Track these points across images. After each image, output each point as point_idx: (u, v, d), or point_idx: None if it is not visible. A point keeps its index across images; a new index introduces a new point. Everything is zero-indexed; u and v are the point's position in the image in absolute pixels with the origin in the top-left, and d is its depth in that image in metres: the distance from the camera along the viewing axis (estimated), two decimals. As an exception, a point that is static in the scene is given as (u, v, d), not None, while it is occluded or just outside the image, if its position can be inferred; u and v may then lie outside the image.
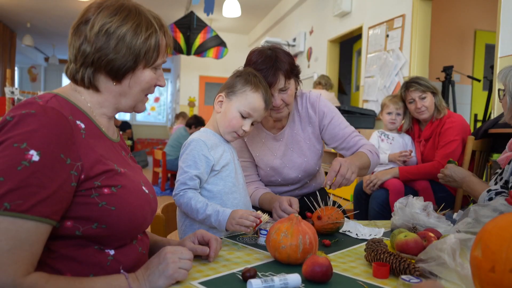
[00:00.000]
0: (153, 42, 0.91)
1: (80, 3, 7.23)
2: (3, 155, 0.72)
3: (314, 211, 1.36)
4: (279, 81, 1.49)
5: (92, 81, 0.90)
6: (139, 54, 0.89)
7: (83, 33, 0.87)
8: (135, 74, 0.92)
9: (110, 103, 0.94)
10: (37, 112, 0.76)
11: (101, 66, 0.88)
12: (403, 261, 0.93)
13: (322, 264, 0.88)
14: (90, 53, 0.87)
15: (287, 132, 1.70)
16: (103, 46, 0.86)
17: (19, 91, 6.35)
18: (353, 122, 3.68)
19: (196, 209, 1.22)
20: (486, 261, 0.65)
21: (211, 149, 1.29)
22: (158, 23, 0.93)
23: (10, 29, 9.54)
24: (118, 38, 0.87)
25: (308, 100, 1.71)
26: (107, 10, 0.88)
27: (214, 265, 0.98)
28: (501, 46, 2.61)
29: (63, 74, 13.71)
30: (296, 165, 1.69)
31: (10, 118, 0.75)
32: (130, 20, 0.88)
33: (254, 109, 1.32)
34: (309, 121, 1.70)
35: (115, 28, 0.86)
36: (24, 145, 0.72)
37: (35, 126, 0.74)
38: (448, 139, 2.26)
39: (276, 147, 1.70)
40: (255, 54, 1.55)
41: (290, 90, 1.55)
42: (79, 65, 0.89)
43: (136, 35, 0.88)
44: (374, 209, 2.29)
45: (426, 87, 2.33)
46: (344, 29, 4.79)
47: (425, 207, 1.40)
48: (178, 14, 7.40)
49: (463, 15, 4.87)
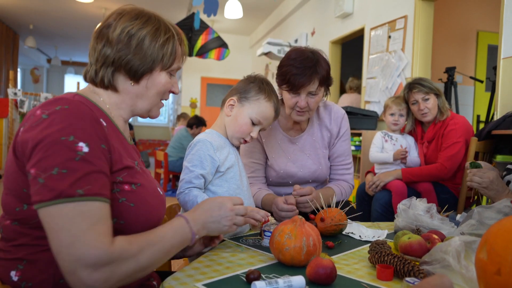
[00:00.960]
0: (170, 46, 0.96)
1: (82, 5, 7.25)
2: (55, 149, 0.75)
3: (317, 213, 1.36)
4: (313, 84, 1.51)
5: (112, 81, 0.94)
6: (157, 56, 0.94)
7: (105, 36, 0.92)
8: (152, 75, 0.96)
9: (127, 104, 0.97)
10: (71, 107, 0.81)
11: (121, 65, 0.92)
12: (407, 263, 0.93)
13: (326, 266, 0.87)
14: (111, 54, 0.91)
15: (305, 138, 1.72)
16: (124, 47, 0.91)
17: (22, 92, 6.38)
18: (355, 123, 3.70)
19: None
20: (492, 263, 0.65)
21: (217, 150, 1.30)
22: (175, 30, 0.99)
23: (13, 31, 9.57)
24: (138, 40, 0.92)
25: (331, 112, 1.74)
26: (128, 15, 0.94)
27: (218, 267, 0.98)
28: (504, 48, 2.61)
29: (65, 76, 13.76)
30: (310, 171, 1.70)
31: (45, 116, 0.78)
32: (150, 24, 0.94)
33: (265, 117, 1.35)
34: (327, 132, 1.74)
35: (136, 31, 0.92)
36: (72, 138, 0.77)
37: (73, 120, 0.79)
38: (451, 141, 2.26)
39: (291, 150, 1.71)
40: (296, 52, 1.56)
41: (317, 97, 1.56)
42: (99, 65, 0.93)
43: (155, 38, 0.94)
44: (377, 210, 2.28)
45: (429, 88, 2.33)
46: (345, 30, 4.79)
47: (429, 208, 1.39)
48: (180, 16, 7.41)
49: (465, 16, 4.86)
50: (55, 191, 0.73)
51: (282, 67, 1.57)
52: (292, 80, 1.50)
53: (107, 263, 0.73)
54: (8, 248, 0.85)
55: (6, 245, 0.86)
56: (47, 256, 0.81)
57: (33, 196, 0.75)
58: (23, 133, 0.80)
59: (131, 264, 0.77)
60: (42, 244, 0.82)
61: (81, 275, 0.72)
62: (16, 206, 0.83)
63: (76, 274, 0.72)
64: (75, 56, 12.83)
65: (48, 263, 0.82)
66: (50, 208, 0.73)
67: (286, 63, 1.55)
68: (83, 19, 8.27)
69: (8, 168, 0.84)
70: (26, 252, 0.83)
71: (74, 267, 0.72)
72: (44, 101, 0.83)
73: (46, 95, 6.62)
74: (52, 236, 0.74)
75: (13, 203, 0.83)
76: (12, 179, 0.83)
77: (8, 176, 0.84)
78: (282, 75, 1.56)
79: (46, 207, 0.73)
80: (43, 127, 0.77)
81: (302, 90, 1.51)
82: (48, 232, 0.75)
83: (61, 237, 0.73)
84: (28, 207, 0.82)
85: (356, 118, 3.73)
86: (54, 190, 0.73)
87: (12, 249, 0.84)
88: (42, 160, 0.75)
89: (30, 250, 0.83)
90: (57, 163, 0.75)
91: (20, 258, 0.83)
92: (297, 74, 1.49)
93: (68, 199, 0.73)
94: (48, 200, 0.73)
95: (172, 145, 5.53)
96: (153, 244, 0.83)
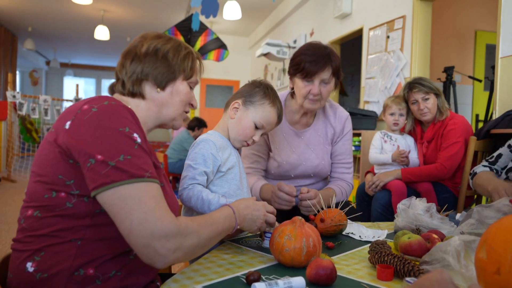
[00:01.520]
0: (190, 60, 1.08)
1: (81, 7, 7.25)
2: (117, 138, 0.84)
3: (317, 213, 1.36)
4: (326, 71, 1.59)
5: (139, 89, 1.03)
6: (180, 67, 1.06)
7: (133, 53, 1.03)
8: (176, 84, 1.06)
9: (153, 112, 1.05)
10: (117, 103, 0.89)
11: (148, 74, 1.03)
12: (407, 263, 0.93)
13: (326, 267, 0.88)
14: (139, 66, 1.02)
15: (311, 133, 1.78)
16: (151, 59, 1.03)
17: (21, 95, 6.37)
18: (354, 124, 3.70)
19: (208, 200, 1.21)
20: (492, 263, 0.65)
21: (219, 150, 1.31)
22: (192, 49, 1.12)
23: (11, 33, 9.57)
24: (163, 53, 1.04)
25: (337, 111, 1.82)
26: (151, 36, 1.06)
27: (218, 269, 0.98)
28: (502, 47, 2.61)
29: (64, 78, 13.76)
30: (313, 165, 1.74)
31: (95, 109, 0.86)
32: (172, 42, 1.07)
33: (268, 122, 1.37)
34: (332, 129, 1.80)
35: (161, 46, 1.04)
36: (127, 129, 0.86)
37: (123, 114, 0.87)
38: (450, 141, 2.26)
39: (296, 143, 1.75)
40: (309, 44, 1.65)
41: (329, 86, 1.63)
42: (128, 77, 1.03)
43: (177, 52, 1.06)
44: (377, 210, 2.28)
45: (429, 88, 2.32)
46: (344, 31, 4.80)
47: (428, 208, 1.40)
48: (178, 17, 7.42)
49: (463, 16, 4.87)
50: (128, 173, 0.81)
51: (296, 57, 1.64)
52: (307, 67, 1.58)
53: (176, 234, 0.82)
54: (27, 239, 0.88)
55: (26, 235, 0.88)
56: (65, 248, 0.85)
57: (99, 179, 0.81)
58: (73, 125, 0.85)
59: (194, 239, 0.86)
60: (62, 236, 0.86)
61: (155, 247, 0.80)
62: (45, 193, 0.87)
63: (150, 247, 0.80)
64: (74, 58, 12.84)
65: (66, 256, 0.85)
66: (120, 188, 0.81)
67: (300, 53, 1.63)
68: (82, 21, 8.27)
69: (43, 156, 0.89)
70: (46, 244, 0.86)
71: (148, 240, 0.79)
72: (86, 99, 0.91)
73: (45, 98, 6.62)
74: (123, 216, 0.80)
75: (42, 190, 0.87)
76: (47, 166, 0.87)
77: (41, 165, 0.89)
78: (296, 64, 1.63)
79: (117, 187, 0.80)
80: (98, 119, 0.85)
81: (316, 77, 1.58)
82: (117, 213, 0.81)
83: (133, 215, 0.80)
84: (57, 194, 0.86)
85: (356, 118, 3.73)
86: (126, 172, 0.81)
87: (32, 240, 0.87)
88: (108, 147, 0.82)
89: (50, 241, 0.86)
90: (122, 150, 0.83)
91: (38, 249, 0.86)
92: (312, 61, 1.57)
93: (139, 179, 0.82)
94: (121, 180, 0.80)
95: (172, 146, 5.53)
96: (210, 224, 0.93)
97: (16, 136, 7.19)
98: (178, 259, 0.84)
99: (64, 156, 0.86)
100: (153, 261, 0.81)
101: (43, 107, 6.62)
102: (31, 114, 6.81)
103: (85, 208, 0.86)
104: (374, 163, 2.50)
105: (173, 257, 0.82)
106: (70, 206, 0.86)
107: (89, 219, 0.87)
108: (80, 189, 0.86)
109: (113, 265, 0.89)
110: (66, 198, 0.86)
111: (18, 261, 0.87)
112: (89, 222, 0.87)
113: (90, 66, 13.93)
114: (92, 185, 0.82)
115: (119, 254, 0.90)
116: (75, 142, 0.84)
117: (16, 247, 0.90)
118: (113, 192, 0.81)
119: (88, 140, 0.83)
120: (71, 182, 0.86)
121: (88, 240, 0.87)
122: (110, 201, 0.81)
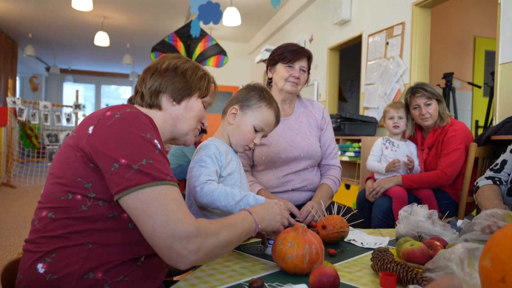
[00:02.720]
0: (206, 80, 1.16)
1: (81, 14, 7.28)
2: (140, 143, 0.87)
3: (318, 220, 1.35)
4: (304, 60, 1.87)
5: (157, 100, 1.08)
6: (196, 84, 1.12)
7: (154, 68, 1.10)
8: (191, 99, 1.12)
9: (168, 124, 1.10)
10: (138, 111, 0.93)
11: (167, 87, 1.09)
12: (410, 270, 0.93)
13: (329, 275, 0.87)
14: (159, 80, 1.08)
15: (292, 120, 1.93)
16: (170, 75, 1.09)
17: (21, 100, 6.38)
18: (354, 130, 3.71)
19: (232, 192, 1.23)
20: (496, 271, 0.65)
21: (221, 155, 1.32)
22: (209, 73, 1.19)
23: (12, 40, 9.59)
24: (182, 70, 1.11)
25: (313, 104, 2.03)
26: (171, 56, 1.14)
27: (220, 276, 0.98)
28: (502, 53, 2.62)
29: (64, 84, 13.77)
30: (300, 146, 1.86)
31: (118, 116, 0.90)
32: (191, 62, 1.15)
33: (267, 124, 1.39)
34: (313, 117, 1.97)
35: (180, 64, 1.12)
36: (149, 136, 0.89)
37: (144, 121, 0.91)
38: (451, 147, 2.26)
39: (281, 128, 1.88)
40: (287, 43, 1.92)
41: (305, 74, 1.90)
42: (147, 89, 1.08)
43: (195, 71, 1.13)
44: (378, 217, 2.28)
45: (432, 94, 2.33)
46: (344, 37, 4.82)
47: (430, 215, 1.39)
48: (178, 23, 7.45)
49: (462, 22, 4.90)
50: (150, 176, 0.84)
51: (277, 50, 1.90)
52: (289, 56, 1.85)
53: (196, 235, 0.84)
54: (40, 240, 0.89)
55: (39, 236, 0.90)
56: (77, 250, 0.87)
57: (123, 183, 0.83)
58: (96, 130, 0.89)
59: (213, 240, 0.88)
60: (74, 238, 0.88)
61: (177, 248, 0.82)
62: (61, 195, 0.89)
63: (172, 248, 0.82)
64: (74, 64, 12.86)
65: (77, 259, 0.87)
66: (143, 191, 0.83)
67: (281, 47, 1.90)
68: (82, 27, 8.30)
69: (63, 159, 0.92)
70: (58, 246, 0.87)
71: (170, 242, 0.81)
72: (108, 106, 0.95)
73: (45, 104, 6.62)
74: (145, 219, 0.83)
75: (59, 192, 0.90)
76: (66, 169, 0.90)
77: (61, 167, 0.92)
78: (279, 54, 1.88)
79: (140, 190, 0.83)
80: (120, 125, 0.88)
81: (296, 63, 1.85)
82: (140, 216, 0.83)
83: (155, 217, 0.82)
84: (73, 196, 0.89)
85: (355, 124, 3.74)
86: (149, 175, 0.84)
87: (44, 241, 0.88)
88: (131, 152, 0.85)
89: (62, 243, 0.88)
90: (145, 154, 0.86)
91: (50, 250, 0.88)
92: (293, 51, 1.85)
93: (161, 182, 0.85)
94: (144, 183, 0.83)
95: (172, 152, 5.52)
96: (229, 226, 0.94)
97: (16, 142, 7.19)
98: (200, 260, 0.86)
99: (86, 160, 0.88)
100: (175, 262, 0.83)
101: (43, 113, 6.62)
102: (31, 120, 6.81)
103: (99, 211, 0.88)
104: (370, 170, 2.51)
105: (195, 258, 0.84)
106: (85, 209, 0.88)
107: (101, 223, 0.89)
108: (96, 192, 0.88)
109: (122, 271, 0.90)
110: (82, 201, 0.88)
111: (30, 262, 0.88)
112: (100, 226, 0.89)
113: (90, 72, 13.95)
114: (116, 188, 0.84)
115: (127, 260, 0.91)
116: (98, 146, 0.87)
117: (28, 247, 0.91)
118: (136, 195, 0.83)
119: (112, 145, 0.86)
120: (89, 185, 0.88)
121: (99, 244, 0.88)
122: (133, 204, 0.83)
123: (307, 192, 1.87)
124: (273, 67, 1.92)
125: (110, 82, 14.52)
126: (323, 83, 5.38)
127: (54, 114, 6.90)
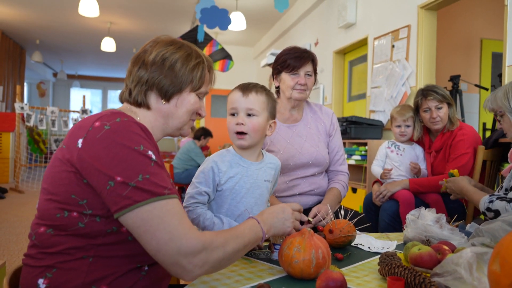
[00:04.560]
0: (200, 70, 1.05)
1: (88, 20, 7.35)
2: (134, 157, 0.83)
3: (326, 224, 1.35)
4: (308, 65, 1.84)
5: (144, 99, 1.01)
6: (186, 78, 1.02)
7: (141, 60, 1.01)
8: (182, 95, 1.03)
9: (159, 122, 1.04)
10: (129, 119, 0.88)
11: (153, 85, 1.00)
12: (418, 275, 0.92)
13: (336, 279, 0.87)
14: (145, 75, 1.00)
15: (301, 126, 1.91)
16: (157, 69, 0.99)
17: (29, 106, 6.44)
18: (360, 133, 3.70)
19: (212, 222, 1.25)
20: (506, 275, 0.64)
21: (221, 171, 1.29)
22: (205, 58, 1.08)
23: (20, 46, 9.70)
24: (171, 63, 1.00)
25: (322, 109, 2.00)
26: (162, 42, 1.03)
27: (227, 281, 0.97)
28: (509, 55, 2.61)
29: (71, 89, 13.89)
30: (308, 153, 1.85)
31: (108, 127, 0.85)
32: (182, 50, 1.03)
33: (233, 101, 1.29)
34: (322, 123, 1.95)
35: (169, 55, 1.01)
36: (142, 148, 0.85)
37: (136, 131, 0.87)
38: (459, 152, 2.23)
39: (289, 135, 1.88)
40: (289, 47, 1.88)
41: (312, 78, 1.87)
42: (134, 85, 1.01)
43: (186, 62, 1.02)
44: (384, 220, 2.26)
45: (444, 97, 2.30)
46: (349, 40, 4.82)
47: (438, 219, 1.38)
48: (184, 28, 7.49)
49: (469, 24, 4.87)
50: (148, 192, 0.82)
51: (280, 58, 1.87)
52: (292, 63, 1.82)
53: (201, 250, 0.83)
54: (39, 256, 0.87)
55: (38, 252, 0.88)
56: (77, 265, 0.85)
57: (121, 201, 0.81)
58: (86, 144, 0.84)
59: (220, 253, 0.86)
60: (74, 253, 0.86)
61: (182, 264, 0.81)
62: (57, 213, 0.87)
63: (178, 264, 0.81)
64: (81, 69, 12.98)
65: (78, 273, 0.85)
66: (142, 209, 0.81)
67: (283, 54, 1.86)
68: (89, 33, 8.37)
69: (55, 174, 0.88)
70: (58, 261, 0.86)
71: (176, 258, 0.81)
72: (96, 114, 0.90)
73: (52, 109, 6.68)
74: (148, 237, 0.81)
75: (54, 209, 0.87)
76: (58, 185, 0.87)
77: (53, 182, 0.88)
78: (282, 62, 1.84)
79: (139, 207, 0.81)
80: (111, 137, 0.84)
81: (301, 70, 1.82)
82: (142, 234, 0.81)
83: (159, 235, 0.81)
84: (69, 214, 0.86)
85: (361, 127, 3.73)
86: (147, 191, 0.82)
87: (44, 257, 0.87)
88: (126, 168, 0.82)
89: (62, 258, 0.86)
90: (140, 169, 0.83)
91: (51, 266, 0.86)
92: (296, 57, 1.82)
93: (160, 197, 0.82)
94: (143, 200, 0.81)
95: (179, 156, 5.54)
96: (235, 237, 0.92)
97: (23, 147, 7.25)
98: (207, 272, 0.86)
99: (78, 176, 0.85)
100: (181, 276, 0.83)
101: (51, 118, 6.68)
102: (38, 125, 6.87)
103: (97, 228, 0.86)
104: (373, 174, 2.53)
105: (201, 272, 0.84)
106: (82, 226, 0.86)
107: (101, 239, 0.87)
108: (92, 209, 0.85)
109: (126, 281, 0.89)
110: (78, 218, 0.85)
111: (30, 277, 0.87)
112: (100, 241, 0.87)
113: (96, 77, 14.07)
114: (114, 207, 0.81)
115: (131, 270, 0.90)
116: (90, 162, 0.83)
117: (27, 262, 0.90)
118: (135, 214, 0.81)
119: (104, 161, 0.82)
120: (84, 201, 0.85)
121: (99, 257, 0.87)
122: (134, 223, 0.81)
123: (314, 196, 1.86)
124: (278, 75, 1.89)
125: (117, 87, 14.62)
126: (329, 87, 5.37)
127: (61, 120, 6.96)
